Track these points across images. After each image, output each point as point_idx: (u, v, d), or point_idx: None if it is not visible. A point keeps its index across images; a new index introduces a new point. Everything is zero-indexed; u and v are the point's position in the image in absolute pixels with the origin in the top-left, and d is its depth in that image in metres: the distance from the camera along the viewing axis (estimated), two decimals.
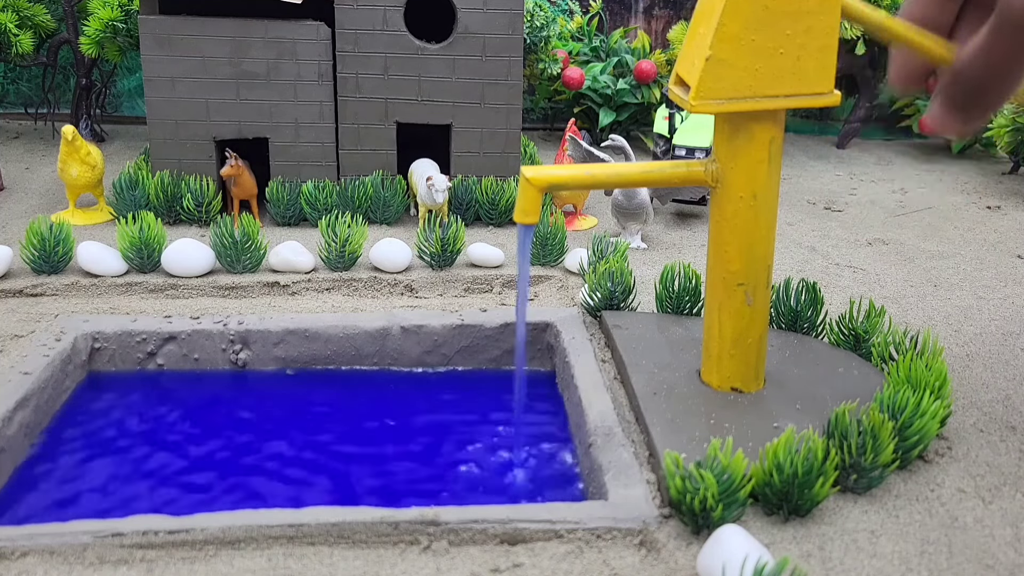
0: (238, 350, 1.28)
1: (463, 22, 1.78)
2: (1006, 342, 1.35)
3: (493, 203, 1.79)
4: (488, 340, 1.31)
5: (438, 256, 1.52)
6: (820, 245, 1.81)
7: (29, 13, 2.21)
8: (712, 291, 1.05)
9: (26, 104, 2.65)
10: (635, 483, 0.92)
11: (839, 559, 0.85)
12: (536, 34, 2.42)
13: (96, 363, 1.26)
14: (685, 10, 2.94)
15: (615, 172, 1.01)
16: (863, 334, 1.19)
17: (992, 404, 1.15)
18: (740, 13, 0.87)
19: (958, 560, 0.85)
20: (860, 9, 0.87)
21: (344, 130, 1.82)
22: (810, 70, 0.91)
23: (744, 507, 0.89)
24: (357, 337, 1.29)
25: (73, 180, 1.71)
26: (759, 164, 0.96)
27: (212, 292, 1.44)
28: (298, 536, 0.84)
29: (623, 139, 1.70)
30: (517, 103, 1.85)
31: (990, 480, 0.98)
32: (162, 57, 1.74)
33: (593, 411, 1.06)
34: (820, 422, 1.01)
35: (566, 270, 1.57)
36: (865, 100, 2.69)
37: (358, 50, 1.77)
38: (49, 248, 1.43)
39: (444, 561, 0.83)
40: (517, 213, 1.01)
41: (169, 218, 1.74)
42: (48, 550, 0.82)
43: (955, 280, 1.63)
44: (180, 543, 0.83)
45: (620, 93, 2.55)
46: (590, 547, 0.85)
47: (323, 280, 1.48)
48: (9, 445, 1.02)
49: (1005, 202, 2.21)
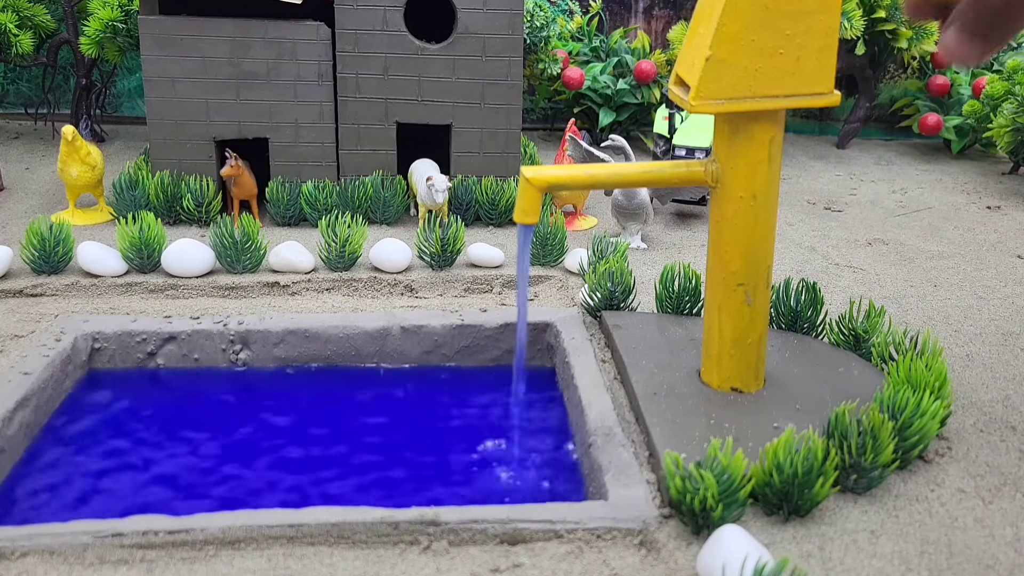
0: (238, 350, 1.28)
1: (463, 22, 1.78)
2: (1006, 342, 1.35)
3: (493, 203, 1.79)
4: (488, 340, 1.31)
5: (438, 256, 1.52)
6: (820, 245, 1.81)
7: (29, 13, 2.21)
8: (712, 291, 1.05)
9: (26, 104, 2.65)
10: (635, 483, 0.92)
11: (839, 559, 0.85)
12: (536, 34, 2.42)
13: (96, 363, 1.26)
14: (685, 10, 2.94)
15: (615, 172, 1.01)
16: (863, 334, 1.19)
17: (992, 404, 1.15)
18: (740, 13, 0.87)
19: (958, 560, 0.85)
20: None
21: (344, 130, 1.82)
22: (810, 70, 0.91)
23: (744, 507, 0.89)
24: (357, 337, 1.29)
25: (73, 180, 1.71)
26: (759, 164, 0.96)
27: (212, 292, 1.44)
28: (298, 536, 0.84)
29: (623, 139, 1.70)
30: (517, 103, 1.85)
31: (990, 480, 0.98)
32: (162, 57, 1.74)
33: (593, 411, 1.06)
34: (820, 422, 1.01)
35: (566, 270, 1.57)
36: (865, 100, 2.69)
37: (358, 50, 1.77)
38: (49, 248, 1.43)
39: (444, 561, 0.83)
40: (517, 213, 1.01)
41: (169, 218, 1.75)
42: (48, 550, 0.82)
43: (955, 280, 1.63)
44: (180, 543, 0.83)
45: (620, 93, 2.55)
46: (590, 547, 0.85)
47: (323, 280, 1.48)
48: (9, 445, 1.03)
49: (1005, 202, 2.21)
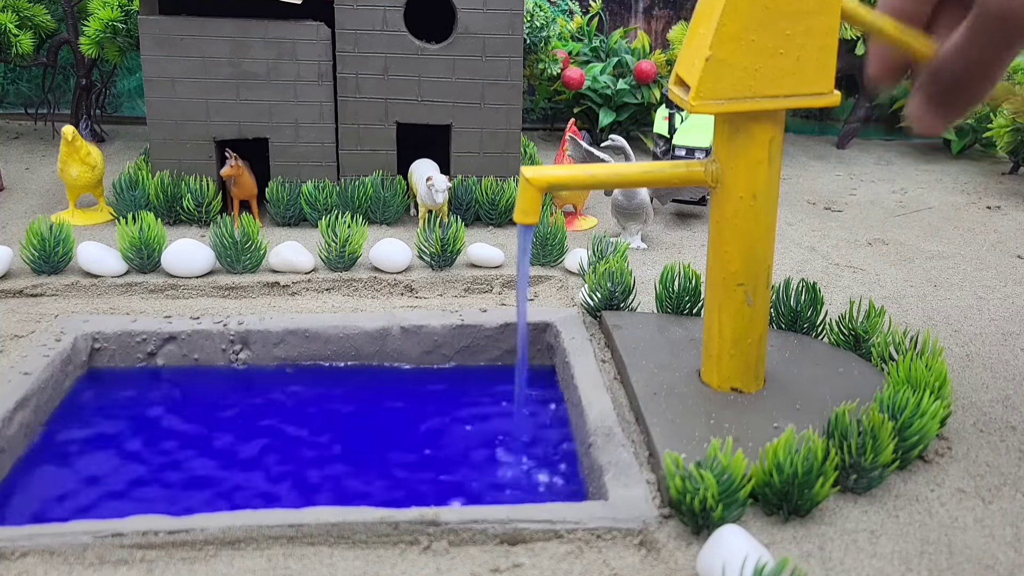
0: (238, 350, 1.28)
1: (463, 22, 1.78)
2: (1006, 342, 1.35)
3: (493, 203, 1.79)
4: (488, 340, 1.31)
5: (438, 256, 1.52)
6: (820, 245, 1.81)
7: (29, 13, 2.21)
8: (712, 291, 1.05)
9: (26, 104, 2.65)
10: (635, 483, 0.92)
11: (839, 559, 0.85)
12: (536, 34, 2.42)
13: (96, 363, 1.26)
14: (685, 10, 2.94)
15: (615, 172, 1.01)
16: (863, 334, 1.19)
17: (992, 404, 1.15)
18: (740, 13, 0.87)
19: (958, 560, 0.85)
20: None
21: (344, 130, 1.82)
22: (810, 70, 0.91)
23: (744, 507, 0.89)
24: (357, 337, 1.29)
25: (73, 180, 1.71)
26: (759, 164, 0.96)
27: (212, 292, 1.44)
28: (298, 536, 0.84)
29: (623, 139, 1.71)
30: (517, 103, 1.85)
31: (990, 480, 0.98)
32: (162, 57, 1.74)
33: (593, 411, 1.06)
34: (820, 422, 1.01)
35: (566, 270, 1.57)
36: (865, 100, 2.69)
37: (358, 50, 1.77)
38: (49, 248, 1.43)
39: (444, 561, 0.83)
40: (517, 213, 1.01)
41: (169, 218, 1.75)
42: (48, 550, 0.82)
43: (955, 280, 1.63)
44: (180, 543, 0.83)
45: (620, 93, 2.55)
46: (590, 547, 0.85)
47: (323, 280, 1.48)
48: (9, 445, 1.03)
49: (1005, 202, 2.21)
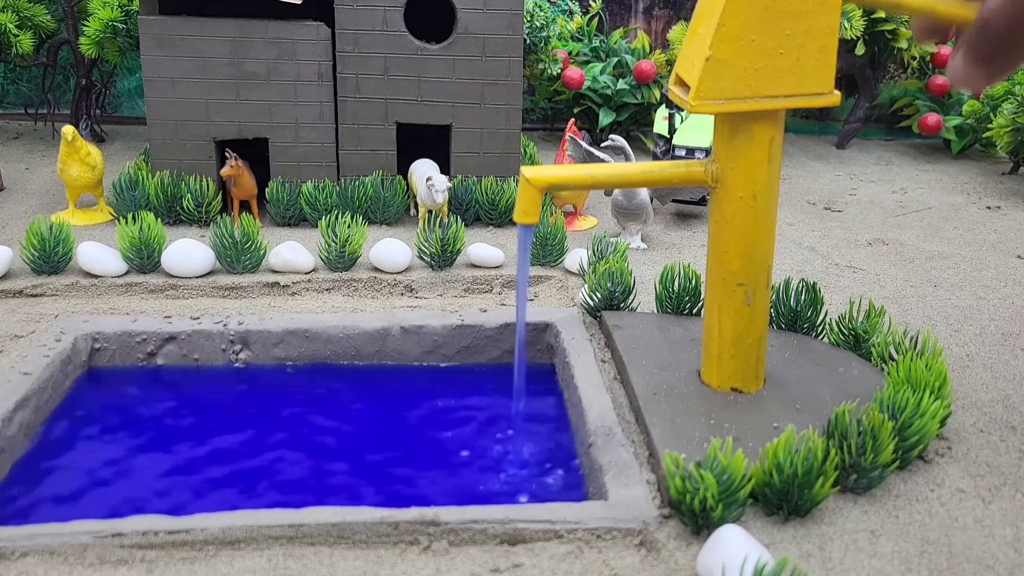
0: (238, 350, 1.28)
1: (463, 22, 1.78)
2: (1006, 342, 1.35)
3: (493, 203, 1.79)
4: (488, 340, 1.31)
5: (438, 256, 1.52)
6: (820, 245, 1.81)
7: (29, 13, 2.21)
8: (712, 291, 1.05)
9: (26, 104, 2.65)
10: (635, 483, 0.92)
11: (839, 559, 0.85)
12: (536, 34, 2.42)
13: (96, 363, 1.26)
14: (685, 10, 2.94)
15: (615, 172, 1.01)
16: (863, 334, 1.19)
17: (992, 404, 1.15)
18: (740, 13, 0.87)
19: (958, 560, 0.85)
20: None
21: (344, 130, 1.82)
22: (810, 70, 0.91)
23: (744, 507, 0.89)
24: (357, 337, 1.29)
25: (73, 180, 1.71)
26: (759, 164, 0.96)
27: (212, 292, 1.44)
28: (298, 536, 0.84)
29: (623, 139, 1.71)
30: (517, 103, 1.85)
31: (990, 480, 0.98)
32: (162, 57, 1.74)
33: (593, 411, 1.06)
34: (820, 422, 1.01)
35: (566, 270, 1.57)
36: (865, 100, 2.69)
37: (358, 50, 1.77)
38: (49, 248, 1.43)
39: (444, 561, 0.83)
40: (517, 213, 1.01)
41: (169, 218, 1.75)
42: (48, 550, 0.82)
43: (955, 280, 1.63)
44: (180, 543, 0.83)
45: (620, 93, 2.55)
46: (590, 547, 0.85)
47: (323, 280, 1.48)
48: (9, 445, 1.03)
49: (1005, 202, 2.21)
